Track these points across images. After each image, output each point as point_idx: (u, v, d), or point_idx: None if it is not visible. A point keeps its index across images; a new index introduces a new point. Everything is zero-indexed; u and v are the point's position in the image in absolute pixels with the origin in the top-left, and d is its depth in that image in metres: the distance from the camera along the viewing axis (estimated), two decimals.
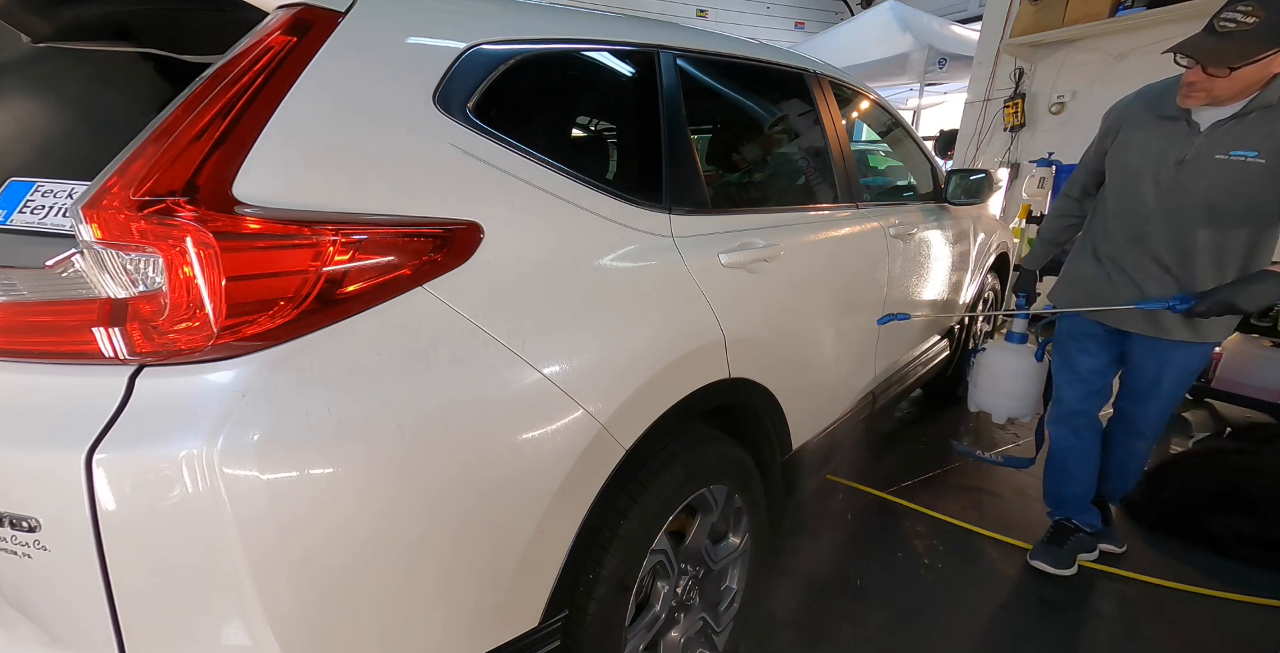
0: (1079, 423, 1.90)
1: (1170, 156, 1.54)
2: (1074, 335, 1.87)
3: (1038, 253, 2.04)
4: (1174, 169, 1.53)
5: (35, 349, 0.70)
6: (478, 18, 0.98)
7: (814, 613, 1.74)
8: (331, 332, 0.73)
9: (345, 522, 0.72)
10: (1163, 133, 1.56)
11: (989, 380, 2.15)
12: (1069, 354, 1.88)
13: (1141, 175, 1.60)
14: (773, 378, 1.41)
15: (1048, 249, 2.02)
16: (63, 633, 0.74)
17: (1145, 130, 1.61)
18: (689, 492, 1.19)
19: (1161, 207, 1.58)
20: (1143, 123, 1.62)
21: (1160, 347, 1.72)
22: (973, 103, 5.19)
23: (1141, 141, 1.61)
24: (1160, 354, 1.73)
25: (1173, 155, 1.54)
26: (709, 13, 10.27)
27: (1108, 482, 2.00)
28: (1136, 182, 1.62)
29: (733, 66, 1.59)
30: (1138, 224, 1.63)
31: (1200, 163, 1.49)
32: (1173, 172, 1.54)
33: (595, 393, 0.95)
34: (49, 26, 1.05)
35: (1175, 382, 1.76)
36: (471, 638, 0.89)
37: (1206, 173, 1.49)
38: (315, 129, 0.76)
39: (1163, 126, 1.57)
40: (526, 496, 0.88)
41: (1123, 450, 1.94)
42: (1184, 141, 1.52)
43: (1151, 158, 1.58)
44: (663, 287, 1.13)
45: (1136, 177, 1.61)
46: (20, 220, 0.78)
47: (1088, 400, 1.88)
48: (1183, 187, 1.53)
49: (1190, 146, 1.51)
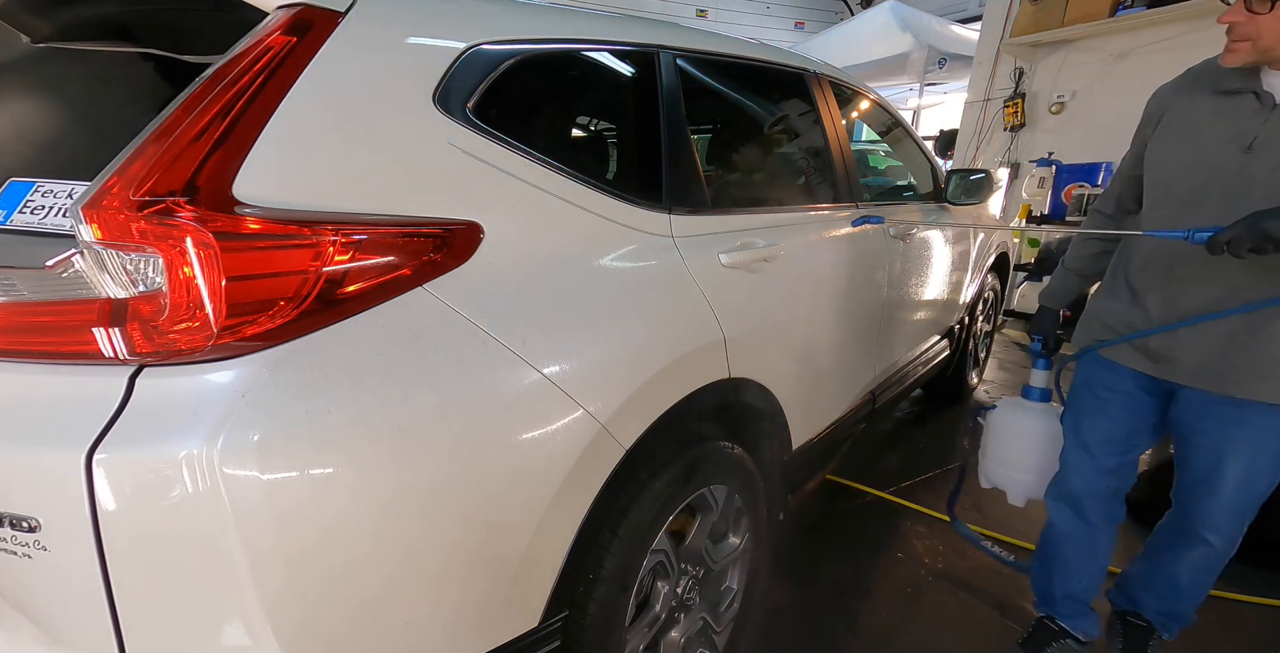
0: (1084, 504, 1.44)
1: (1233, 142, 1.13)
2: (1092, 388, 1.40)
3: (1058, 287, 1.57)
4: (1239, 159, 1.12)
5: (35, 349, 0.70)
6: (478, 18, 0.98)
7: (814, 613, 1.74)
8: (331, 332, 0.73)
9: (345, 522, 0.72)
10: (1221, 111, 1.16)
11: (1002, 449, 1.65)
12: (1080, 412, 1.43)
13: (1193, 170, 1.18)
14: (773, 378, 1.41)
15: (1072, 282, 1.54)
16: (63, 633, 0.74)
17: (1197, 110, 1.20)
18: (689, 492, 1.19)
19: (1222, 211, 1.11)
20: (1194, 102, 1.21)
21: (1221, 411, 1.22)
22: (973, 103, 5.20)
23: (1192, 125, 1.20)
24: (1222, 422, 1.22)
25: (1236, 140, 1.13)
26: (709, 13, 10.27)
27: (1150, 594, 1.48)
28: (1185, 179, 1.19)
29: (733, 66, 1.59)
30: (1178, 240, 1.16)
31: (1277, 146, 1.09)
32: (1238, 163, 1.12)
33: (595, 393, 0.95)
34: (49, 26, 1.05)
35: (1249, 468, 1.23)
36: (472, 638, 0.89)
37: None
38: (315, 129, 0.76)
39: (1221, 103, 1.17)
40: (526, 495, 0.88)
41: (1175, 558, 1.39)
42: (1252, 120, 1.11)
43: (1207, 146, 1.16)
44: (663, 287, 1.13)
45: (1186, 172, 1.19)
46: (20, 220, 0.78)
47: (1096, 479, 1.41)
48: (1252, 182, 1.11)
49: (1261, 126, 1.10)
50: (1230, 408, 1.21)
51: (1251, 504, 1.28)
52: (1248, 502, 1.27)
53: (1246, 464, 1.22)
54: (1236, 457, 1.23)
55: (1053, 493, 1.50)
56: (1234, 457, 1.23)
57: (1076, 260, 1.53)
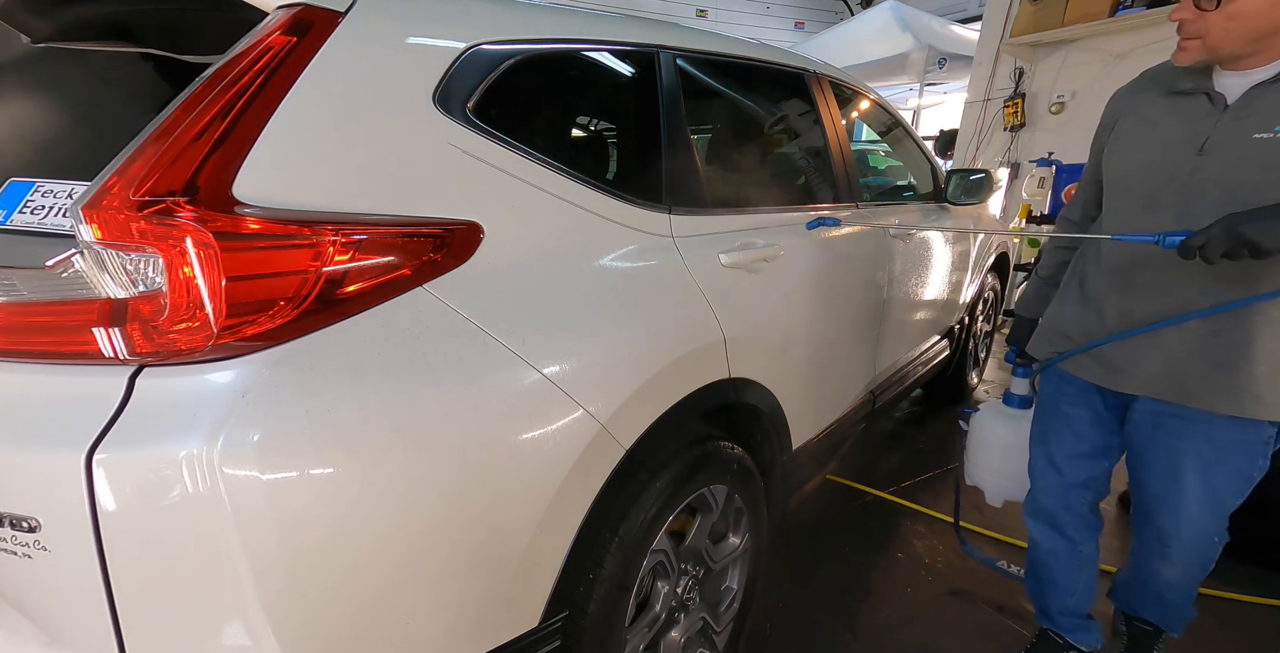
0: (1060, 520, 1.41)
1: (1187, 144, 1.10)
2: (1055, 403, 1.38)
3: (1031, 295, 1.56)
4: (1193, 162, 1.09)
5: (35, 349, 0.70)
6: (478, 18, 0.98)
7: (814, 613, 1.74)
8: (332, 332, 0.73)
9: (345, 522, 0.72)
10: (1175, 113, 1.14)
11: (981, 453, 1.69)
12: (1046, 428, 1.41)
13: (1149, 173, 1.15)
14: (773, 378, 1.41)
15: (1045, 290, 1.51)
16: (63, 633, 0.74)
17: (1152, 112, 1.18)
18: (689, 492, 1.19)
19: (1178, 214, 1.11)
20: (1149, 103, 1.19)
21: (1175, 423, 1.18)
22: (973, 103, 5.19)
23: (1148, 127, 1.17)
24: (1178, 435, 1.18)
25: (1189, 142, 1.09)
26: (709, 13, 10.27)
27: (1143, 601, 1.43)
28: (1141, 182, 1.17)
29: (733, 66, 1.59)
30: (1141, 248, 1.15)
31: (1229, 148, 1.05)
32: (1191, 165, 1.09)
33: (595, 393, 0.95)
34: (49, 26, 1.05)
35: (1207, 485, 1.17)
36: (471, 638, 0.89)
37: (1239, 161, 1.04)
38: (315, 129, 0.76)
39: (1175, 105, 1.14)
40: (526, 495, 0.88)
41: (1145, 572, 1.35)
42: (1204, 121, 1.09)
43: (1162, 148, 1.13)
44: (663, 287, 1.13)
45: (1142, 175, 1.17)
46: (20, 220, 0.78)
47: (1069, 494, 1.38)
48: (1205, 185, 1.07)
49: (1213, 127, 1.07)
50: (1186, 421, 1.17)
51: (1216, 524, 1.21)
52: (1212, 521, 1.21)
53: (1205, 480, 1.17)
54: (1195, 472, 1.17)
55: (1029, 510, 1.48)
56: (1192, 472, 1.18)
57: (1048, 268, 1.52)
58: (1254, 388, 1.09)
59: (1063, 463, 1.37)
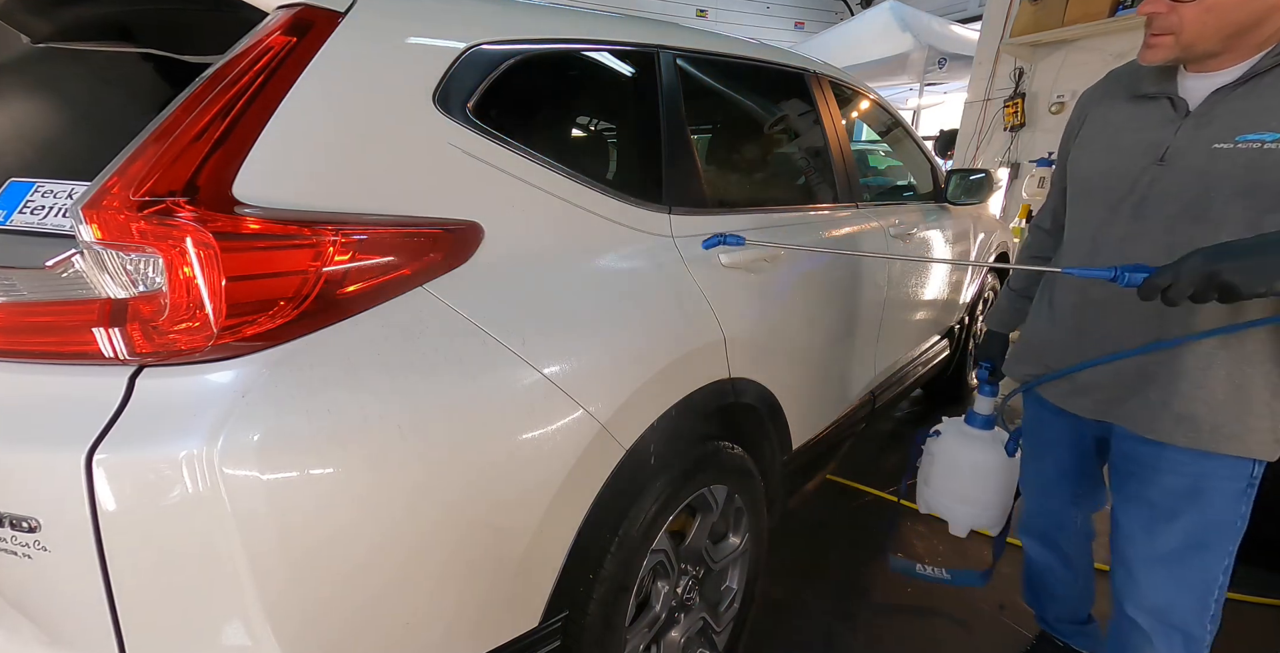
0: (1053, 537, 1.38)
1: (1147, 153, 1.02)
2: (1034, 428, 1.34)
3: (1003, 307, 1.47)
4: (1152, 172, 1.01)
5: (35, 349, 0.70)
6: (478, 18, 0.98)
7: (814, 613, 1.74)
8: (331, 332, 0.73)
9: (345, 522, 0.72)
10: (1137, 118, 1.05)
11: (944, 478, 1.53)
12: (1030, 453, 1.39)
13: (1107, 181, 1.07)
14: (773, 378, 1.41)
15: (1016, 302, 1.43)
16: (63, 633, 0.74)
17: (1114, 117, 1.10)
18: (689, 492, 1.19)
19: (1135, 229, 1.03)
20: (1112, 107, 1.11)
21: (1145, 453, 1.07)
22: (973, 103, 5.20)
23: (1110, 133, 1.09)
24: (1147, 470, 1.07)
25: (1150, 151, 1.01)
26: (709, 13, 10.28)
27: None
28: (1100, 191, 1.09)
29: (733, 66, 1.59)
30: (1107, 253, 1.06)
31: (1188, 158, 0.97)
32: (1150, 176, 1.01)
33: (595, 393, 0.95)
34: (49, 26, 1.05)
35: (1182, 531, 1.04)
36: (472, 638, 0.89)
37: (1198, 173, 0.96)
38: (315, 129, 0.76)
39: (1137, 109, 1.06)
40: (526, 495, 0.88)
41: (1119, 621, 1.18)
42: (1165, 128, 1.00)
43: (1121, 155, 1.05)
44: (663, 286, 1.13)
45: (1101, 183, 1.09)
46: (20, 221, 0.78)
47: (1061, 514, 1.35)
48: (1164, 197, 0.99)
49: (1173, 135, 0.99)
50: (1155, 454, 1.05)
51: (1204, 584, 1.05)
52: (1197, 580, 1.05)
53: (1185, 526, 1.03)
54: (1171, 514, 1.05)
55: (1022, 526, 1.44)
56: (1168, 513, 1.05)
57: (1020, 280, 1.44)
58: (1213, 417, 0.98)
59: (1051, 488, 1.34)
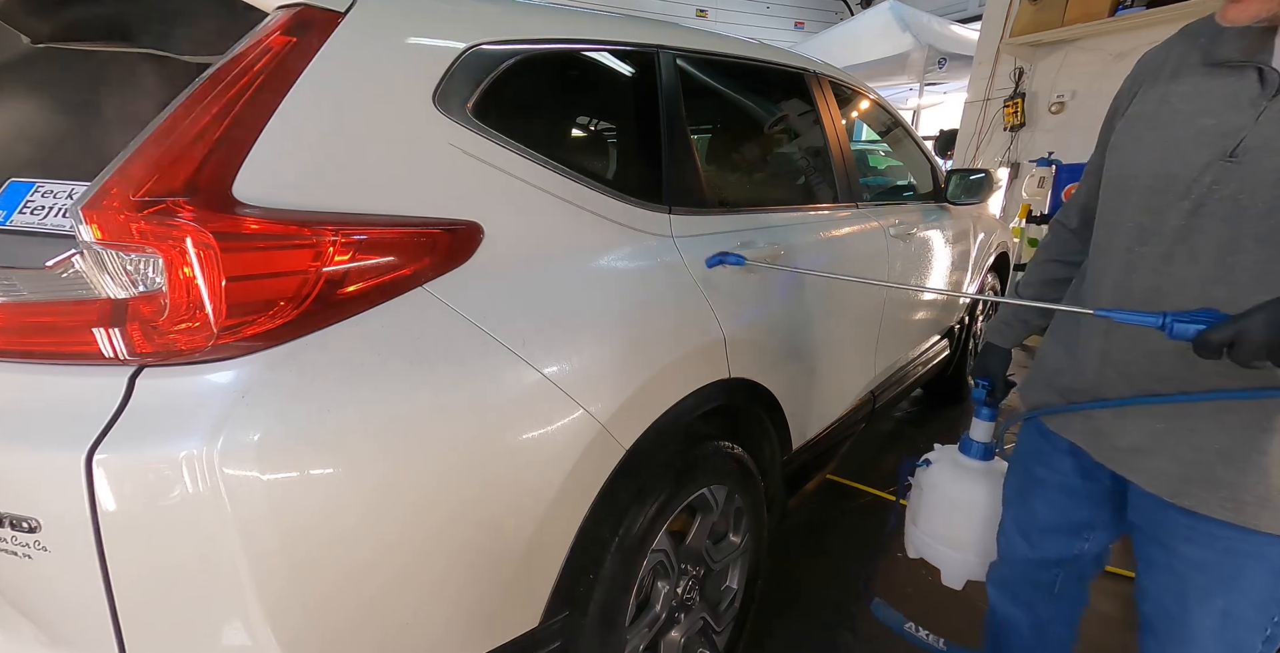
0: (1024, 596, 1.14)
1: (1213, 144, 0.75)
2: (1028, 461, 1.09)
3: (1006, 317, 1.20)
4: (1217, 171, 0.74)
5: (35, 350, 0.70)
6: (478, 18, 0.98)
7: (814, 613, 1.74)
8: (331, 332, 0.73)
9: (345, 522, 0.72)
10: (1208, 93, 0.78)
11: (934, 519, 1.30)
12: (1017, 489, 1.12)
13: (1153, 179, 0.81)
14: (773, 378, 1.41)
15: (1021, 312, 1.18)
16: (63, 633, 0.74)
17: (1174, 93, 0.81)
18: (689, 492, 1.19)
19: (1183, 248, 0.78)
20: (1174, 79, 0.82)
21: (1181, 523, 0.85)
22: (972, 102, 5.19)
23: (1165, 112, 0.81)
24: (1177, 534, 0.86)
25: (1217, 141, 0.75)
26: (709, 13, 10.27)
27: None
28: (1141, 195, 0.83)
29: (733, 66, 1.59)
30: (1144, 273, 0.82)
31: (1271, 155, 0.71)
32: (1213, 175, 0.75)
33: (595, 393, 0.95)
34: (49, 27, 1.05)
35: (1226, 613, 0.84)
36: (472, 638, 0.89)
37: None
38: (315, 129, 0.76)
39: (1210, 81, 0.78)
40: (527, 495, 0.88)
41: None
42: (1243, 111, 0.73)
43: (1175, 146, 0.79)
44: (663, 286, 1.13)
45: (1143, 182, 0.82)
46: (20, 221, 0.78)
47: (1035, 571, 1.11)
48: (1230, 206, 0.74)
49: (1254, 121, 0.72)
50: (1189, 522, 0.84)
51: None
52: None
53: (1223, 607, 0.84)
54: (1207, 593, 0.84)
55: (990, 575, 1.21)
56: (1205, 592, 0.84)
57: (1029, 286, 1.17)
58: (1260, 488, 0.77)
59: (1035, 535, 1.08)
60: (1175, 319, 0.68)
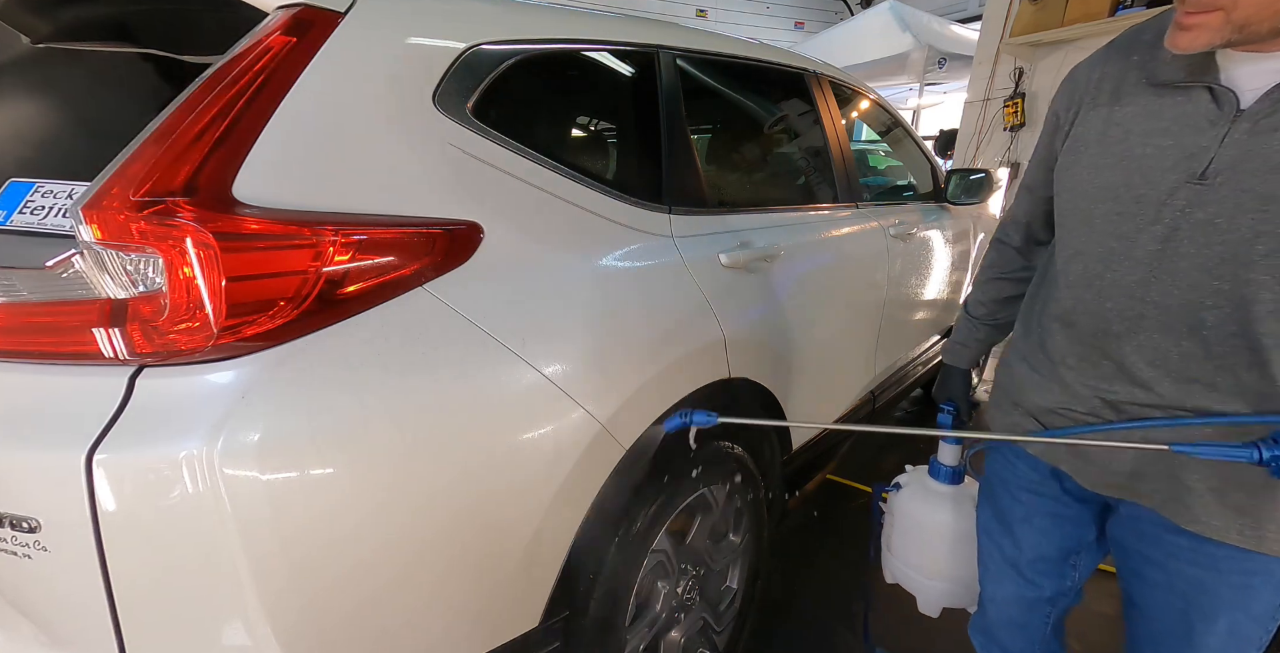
0: (1009, 643, 1.06)
1: (1177, 166, 0.72)
2: (1010, 487, 1.01)
3: (964, 339, 1.16)
4: (1187, 194, 0.72)
5: (35, 350, 0.70)
6: (477, 18, 0.98)
7: (815, 613, 1.74)
8: (331, 332, 0.73)
9: (345, 522, 0.72)
10: (1159, 114, 0.75)
11: (906, 545, 1.26)
12: (998, 519, 1.04)
13: (1118, 203, 0.77)
14: (773, 378, 1.41)
15: (977, 332, 1.14)
16: (63, 633, 0.74)
17: (1121, 114, 0.78)
18: (689, 492, 1.19)
19: (1162, 272, 0.75)
20: (1116, 100, 0.79)
21: (1180, 543, 0.82)
22: (972, 102, 5.19)
23: (1116, 134, 0.78)
24: (1185, 560, 0.82)
25: (1182, 163, 0.72)
26: (709, 13, 10.28)
27: None
28: (1106, 220, 0.79)
29: (733, 66, 1.59)
30: (1121, 301, 0.79)
31: (1244, 177, 0.68)
32: (1185, 198, 0.72)
33: (595, 393, 0.95)
34: (49, 26, 1.05)
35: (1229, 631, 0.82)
36: (472, 638, 0.89)
37: (1261, 199, 0.67)
38: (315, 129, 0.76)
39: (1157, 103, 0.75)
40: (527, 495, 0.88)
41: None
42: (1204, 132, 0.71)
43: (1136, 169, 0.76)
44: (663, 286, 1.13)
45: (1107, 207, 0.79)
46: (20, 221, 0.78)
47: (1028, 611, 1.03)
48: (1207, 230, 0.71)
49: (1218, 142, 0.69)
50: (1192, 544, 0.80)
51: None
52: None
53: (1227, 625, 0.81)
54: (1212, 612, 0.81)
55: (976, 623, 1.12)
56: (1209, 612, 0.81)
57: (981, 306, 1.12)
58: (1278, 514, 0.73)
59: (1024, 567, 1.01)
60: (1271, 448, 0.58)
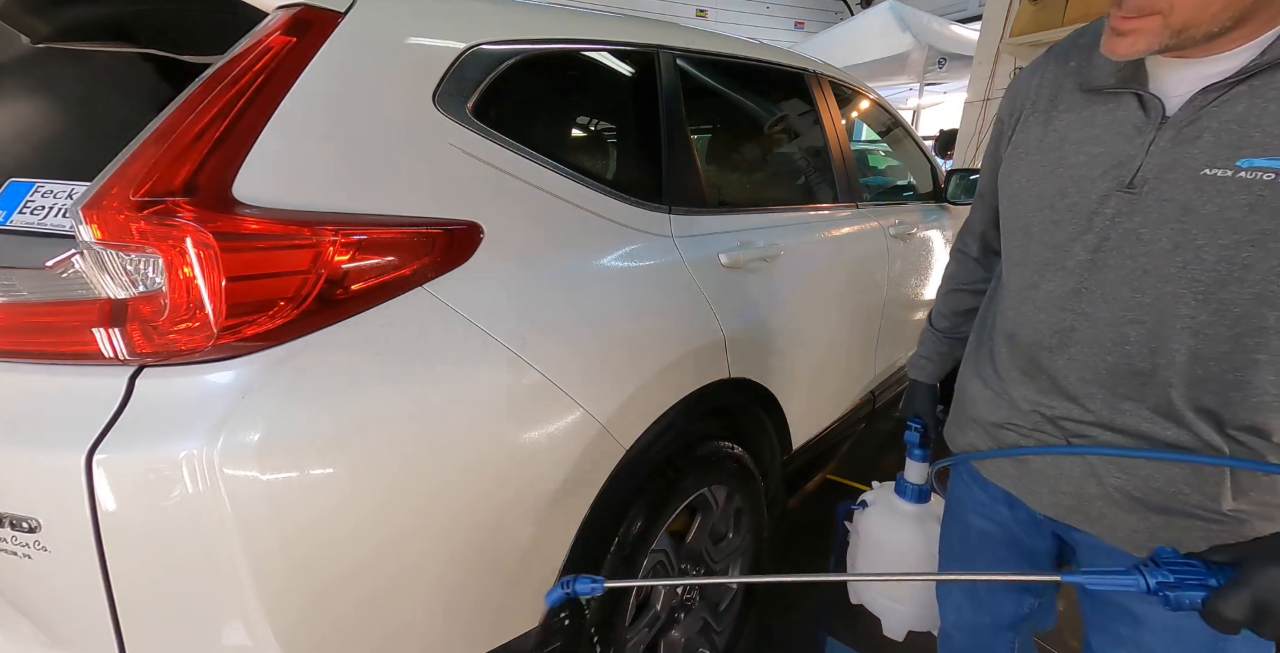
0: None
1: (1107, 174, 0.70)
2: (965, 513, 0.98)
3: (929, 352, 1.14)
4: (1116, 202, 0.70)
5: (35, 350, 0.70)
6: (477, 18, 0.98)
7: (815, 613, 1.74)
8: (331, 332, 0.73)
9: (345, 522, 0.72)
10: (1090, 121, 0.73)
11: (871, 564, 1.24)
12: (959, 545, 1.01)
13: (1053, 212, 0.75)
14: (773, 378, 1.41)
15: (941, 345, 1.12)
16: (63, 633, 0.74)
17: (1056, 120, 0.76)
18: (689, 492, 1.19)
19: (1091, 283, 0.73)
20: (1053, 106, 0.77)
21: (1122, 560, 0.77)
22: (973, 102, 5.19)
23: (1050, 144, 0.76)
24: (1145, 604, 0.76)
25: (1111, 171, 0.70)
26: (709, 13, 10.29)
27: None
28: (1041, 228, 0.77)
29: (733, 66, 1.59)
30: (1053, 312, 0.76)
31: (1167, 186, 0.66)
32: (1114, 207, 0.70)
33: (595, 393, 0.95)
34: (49, 27, 1.05)
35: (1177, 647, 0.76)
36: (472, 638, 0.89)
37: (1183, 208, 0.65)
38: (315, 129, 0.76)
39: (1089, 110, 0.73)
40: (527, 495, 0.88)
41: None
42: (1131, 140, 0.69)
43: (1069, 176, 0.74)
44: (663, 287, 1.13)
45: (1043, 215, 0.77)
46: (20, 221, 0.78)
47: (991, 638, 1.00)
48: (1135, 240, 0.69)
49: (1145, 150, 0.67)
50: None
51: None
52: None
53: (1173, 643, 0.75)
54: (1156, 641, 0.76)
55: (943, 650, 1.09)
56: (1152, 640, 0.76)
57: (943, 318, 1.10)
58: None
59: (981, 594, 0.98)
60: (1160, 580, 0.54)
